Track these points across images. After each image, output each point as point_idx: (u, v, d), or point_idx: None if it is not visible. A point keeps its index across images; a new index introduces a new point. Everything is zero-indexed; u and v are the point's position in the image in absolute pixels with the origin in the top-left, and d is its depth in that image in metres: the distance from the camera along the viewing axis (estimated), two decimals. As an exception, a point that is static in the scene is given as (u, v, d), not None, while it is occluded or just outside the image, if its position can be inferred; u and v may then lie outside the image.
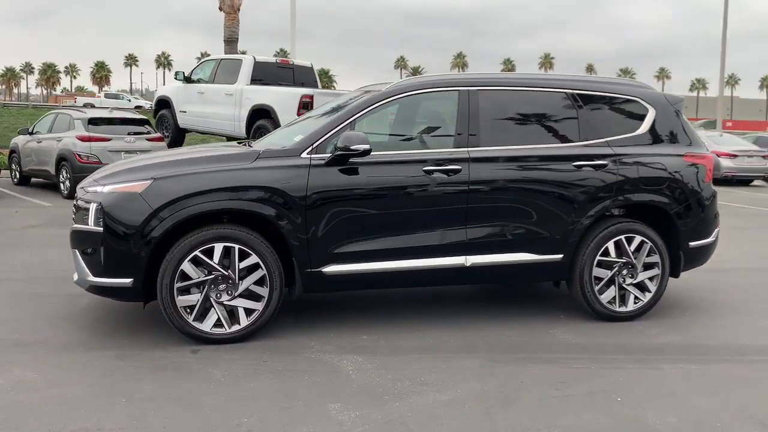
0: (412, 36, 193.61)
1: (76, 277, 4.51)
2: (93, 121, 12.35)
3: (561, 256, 4.92)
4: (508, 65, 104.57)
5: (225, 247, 4.28)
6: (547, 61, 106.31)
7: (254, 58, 13.31)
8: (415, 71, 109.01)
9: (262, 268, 4.35)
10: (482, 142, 4.78)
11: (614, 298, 5.06)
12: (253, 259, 4.33)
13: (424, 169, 4.61)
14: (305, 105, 11.62)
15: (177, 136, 15.03)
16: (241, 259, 4.32)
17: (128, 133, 12.30)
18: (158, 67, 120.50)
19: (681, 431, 3.32)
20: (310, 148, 4.50)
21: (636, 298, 5.11)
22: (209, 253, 4.27)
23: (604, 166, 4.96)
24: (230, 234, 4.29)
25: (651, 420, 3.42)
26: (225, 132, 13.72)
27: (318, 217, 4.41)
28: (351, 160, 4.47)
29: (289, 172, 4.40)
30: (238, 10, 19.39)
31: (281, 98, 12.11)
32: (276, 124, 11.92)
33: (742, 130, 35.77)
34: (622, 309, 5.08)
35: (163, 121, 15.10)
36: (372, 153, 4.45)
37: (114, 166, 4.90)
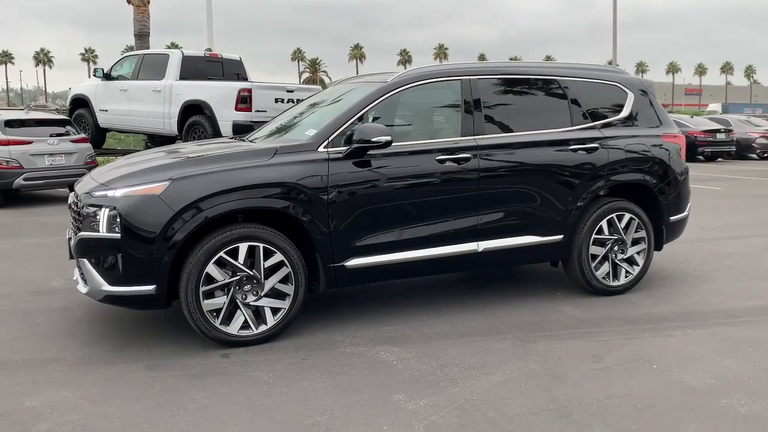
0: (302, 27, 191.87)
1: (84, 288, 4.25)
2: (9, 124, 11.49)
3: (561, 236, 5.14)
4: (405, 56, 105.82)
5: (249, 246, 4.18)
6: (441, 52, 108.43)
7: (182, 53, 12.87)
8: (313, 63, 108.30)
9: (286, 266, 4.27)
10: (486, 130, 4.90)
11: (608, 273, 5.35)
12: (277, 257, 4.25)
13: (437, 158, 4.68)
14: (243, 99, 11.39)
15: (97, 137, 14.32)
16: (265, 258, 4.23)
17: (50, 135, 11.53)
18: (38, 65, 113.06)
19: (722, 390, 3.58)
20: (326, 142, 4.45)
21: (627, 272, 5.42)
22: (233, 253, 4.15)
23: (596, 149, 5.21)
24: (255, 233, 4.19)
25: (693, 382, 3.67)
26: (153, 130, 13.22)
27: (339, 210, 4.38)
28: (369, 152, 4.46)
29: (309, 166, 4.34)
30: (149, 2, 18.58)
31: (217, 93, 11.81)
32: (212, 121, 11.63)
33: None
34: (615, 283, 5.37)
35: (80, 121, 14.31)
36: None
37: (116, 168, 4.63)
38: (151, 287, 4.05)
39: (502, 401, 3.44)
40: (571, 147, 5.14)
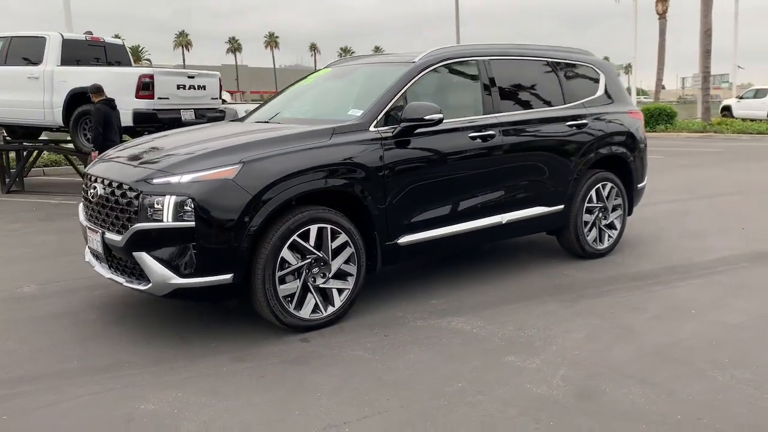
0: (116, 14, 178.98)
1: (142, 285, 3.94)
2: None
3: (562, 206, 5.59)
4: (234, 44, 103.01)
5: (319, 228, 4.13)
6: (272, 40, 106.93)
7: (62, 36, 11.73)
8: (135, 51, 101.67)
9: (350, 246, 4.28)
10: (503, 108, 5.19)
11: (596, 238, 5.89)
12: (342, 238, 4.24)
13: (469, 135, 4.89)
14: (145, 86, 10.72)
15: (-47, 130, 12.61)
16: (332, 240, 4.20)
17: None
18: None
19: (757, 326, 4.18)
20: (375, 121, 4.48)
21: (609, 236, 6.01)
22: (304, 236, 4.08)
23: (586, 125, 5.71)
24: (323, 215, 4.14)
25: (732, 321, 4.24)
26: (29, 121, 11.98)
27: (393, 189, 4.45)
28: (416, 130, 4.56)
29: (367, 146, 4.36)
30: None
31: (113, 79, 10.94)
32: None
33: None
34: (601, 247, 5.94)
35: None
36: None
37: (151, 152, 4.28)
38: (228, 276, 3.87)
39: (603, 353, 3.76)
40: (568, 123, 5.58)
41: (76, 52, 11.82)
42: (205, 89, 11.74)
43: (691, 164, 13.77)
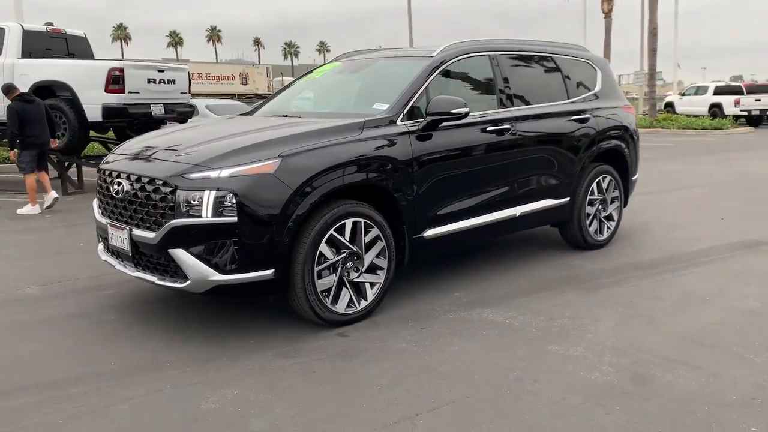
0: (47, 5, 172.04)
1: (179, 283, 3.84)
2: None
3: (568, 199, 5.72)
4: (175, 37, 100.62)
5: (354, 222, 4.12)
6: (214, 34, 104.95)
7: (22, 27, 11.25)
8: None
9: (381, 240, 4.28)
10: (515, 103, 5.28)
11: (597, 230, 6.06)
12: (374, 231, 4.23)
13: (488, 129, 4.95)
14: (115, 80, 10.42)
15: None
16: (364, 234, 4.19)
17: None
18: None
19: (771, 310, 4.40)
20: (401, 115, 4.49)
21: (607, 227, 6.18)
22: (340, 230, 4.06)
23: (588, 119, 5.86)
24: (357, 209, 4.13)
25: (747, 307, 4.44)
26: (-13, 116, 11.40)
27: (421, 182, 4.47)
28: (441, 124, 4.59)
29: (395, 140, 4.36)
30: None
31: (80, 73, 10.65)
32: (74, 104, 10.46)
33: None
34: (601, 238, 6.12)
35: None
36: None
37: (188, 146, 4.14)
38: (269, 272, 3.81)
39: (637, 340, 3.88)
40: (573, 118, 5.72)
41: (36, 44, 11.38)
42: (174, 83, 11.48)
43: (648, 158, 14.19)
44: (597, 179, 5.96)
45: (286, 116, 4.96)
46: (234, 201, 3.69)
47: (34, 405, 3.19)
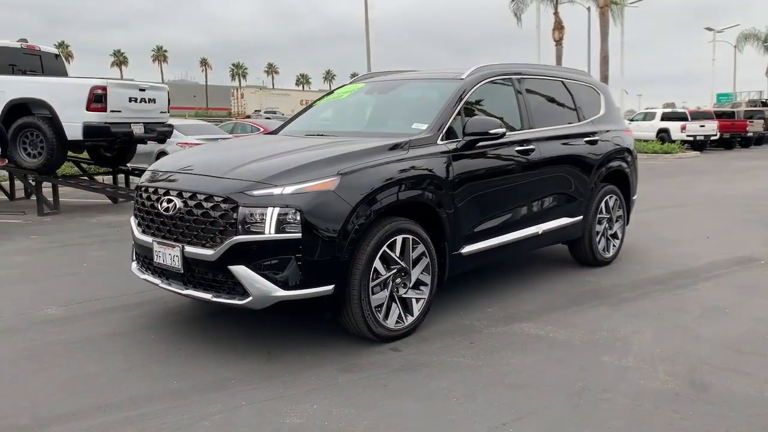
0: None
1: (240, 300, 3.82)
2: None
3: (581, 217, 5.94)
4: (119, 56, 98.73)
5: (403, 239, 4.20)
6: (160, 54, 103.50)
7: (-4, 42, 10.95)
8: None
9: (426, 256, 4.36)
10: (536, 124, 5.47)
11: (604, 247, 6.29)
12: (420, 248, 4.32)
13: (516, 149, 5.12)
14: (97, 98, 10.24)
15: None
16: (412, 250, 4.28)
17: None
18: None
19: (789, 320, 4.67)
20: (441, 135, 4.61)
21: (613, 245, 6.43)
22: (391, 247, 4.13)
23: (597, 141, 6.11)
24: (407, 226, 4.22)
25: (765, 316, 4.70)
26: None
27: (460, 200, 4.59)
28: (478, 144, 4.74)
29: (438, 159, 4.48)
30: None
31: (61, 91, 10.41)
32: (53, 123, 10.24)
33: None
34: (608, 255, 6.35)
35: None
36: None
37: (238, 163, 4.13)
38: (329, 287, 3.85)
39: (681, 350, 4.06)
40: (585, 140, 5.96)
41: (10, 61, 11.08)
42: (155, 102, 11.33)
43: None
44: (605, 198, 6.21)
45: (321, 135, 5.01)
46: (298, 217, 3.72)
47: (112, 424, 3.13)
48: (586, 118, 6.17)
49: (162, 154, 17.04)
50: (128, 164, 12.90)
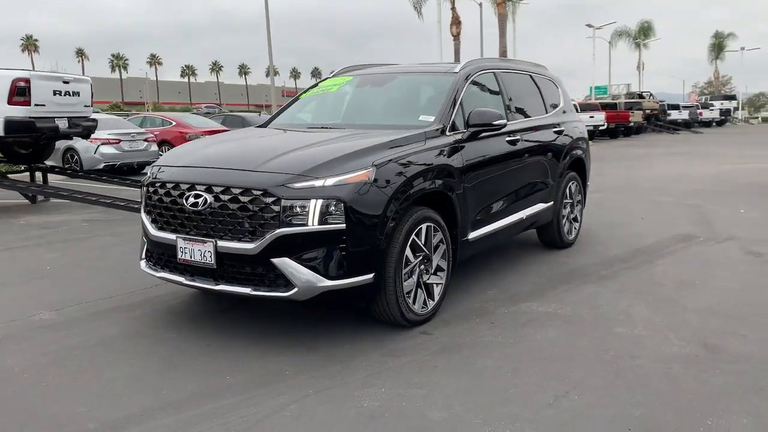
0: None
1: (284, 291, 3.84)
2: None
3: (552, 203, 6.34)
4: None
5: (427, 227, 4.37)
6: (30, 43, 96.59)
7: None
8: None
9: (443, 243, 4.56)
10: (516, 116, 5.80)
11: (568, 230, 6.75)
12: (439, 235, 4.51)
13: (507, 140, 5.42)
14: (20, 91, 9.64)
15: None
16: (433, 237, 4.46)
17: None
18: None
19: (756, 287, 5.24)
20: (448, 126, 4.81)
21: (574, 228, 6.91)
22: (418, 235, 4.30)
23: (563, 131, 6.54)
24: (430, 214, 4.38)
25: (734, 287, 5.26)
26: None
27: (469, 188, 4.82)
28: (480, 135, 4.98)
29: (450, 149, 4.68)
30: None
31: (-21, 83, 9.62)
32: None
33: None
34: (570, 238, 6.82)
35: None
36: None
37: (263, 156, 4.10)
38: (370, 276, 3.96)
39: (678, 318, 4.50)
40: (554, 130, 6.36)
41: None
42: (79, 96, 10.75)
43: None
44: (569, 185, 6.65)
45: (327, 128, 5.06)
46: (341, 208, 3.80)
47: (191, 420, 3.11)
48: (551, 109, 6.57)
49: (69, 150, 16.19)
50: (45, 162, 12.17)
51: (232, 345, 4.11)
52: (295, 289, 3.83)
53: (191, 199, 4.05)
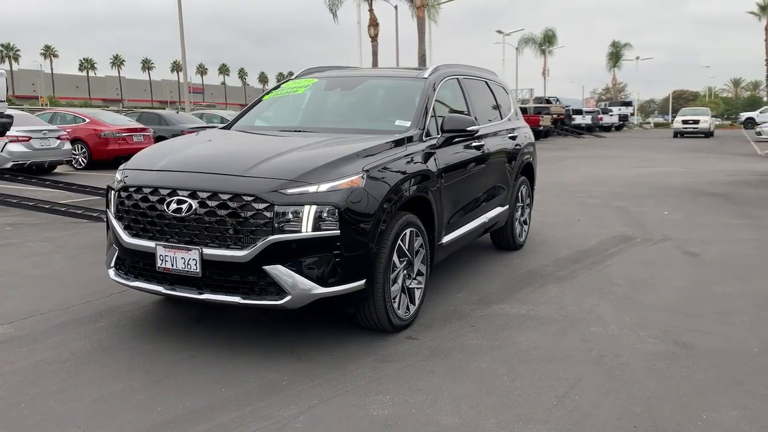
0: None
1: (276, 300, 3.75)
2: None
3: (507, 207, 6.52)
4: None
5: (410, 232, 4.39)
6: None
7: None
8: None
9: (422, 248, 4.60)
10: (479, 122, 5.91)
11: (519, 232, 6.96)
12: (420, 240, 4.54)
13: (472, 145, 5.52)
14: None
15: None
16: (415, 242, 4.49)
17: None
18: None
19: (704, 283, 5.59)
20: (424, 131, 4.85)
21: (524, 230, 7.13)
22: (403, 240, 4.31)
23: (516, 137, 6.74)
24: (413, 219, 4.40)
25: (682, 285, 5.59)
26: None
27: (444, 193, 4.87)
28: (453, 140, 5.06)
29: (427, 154, 4.72)
30: None
31: None
32: None
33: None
34: (522, 239, 7.04)
35: None
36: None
37: (248, 160, 3.97)
38: (361, 282, 3.93)
39: (645, 317, 4.73)
40: (508, 135, 6.54)
41: None
42: (-6, 91, 10.05)
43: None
44: (521, 188, 6.85)
45: (300, 132, 4.98)
46: (335, 214, 3.75)
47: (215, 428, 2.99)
48: (505, 115, 6.75)
49: (-27, 148, 15.05)
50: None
51: (216, 356, 3.96)
52: (288, 297, 3.74)
53: (173, 205, 3.88)
